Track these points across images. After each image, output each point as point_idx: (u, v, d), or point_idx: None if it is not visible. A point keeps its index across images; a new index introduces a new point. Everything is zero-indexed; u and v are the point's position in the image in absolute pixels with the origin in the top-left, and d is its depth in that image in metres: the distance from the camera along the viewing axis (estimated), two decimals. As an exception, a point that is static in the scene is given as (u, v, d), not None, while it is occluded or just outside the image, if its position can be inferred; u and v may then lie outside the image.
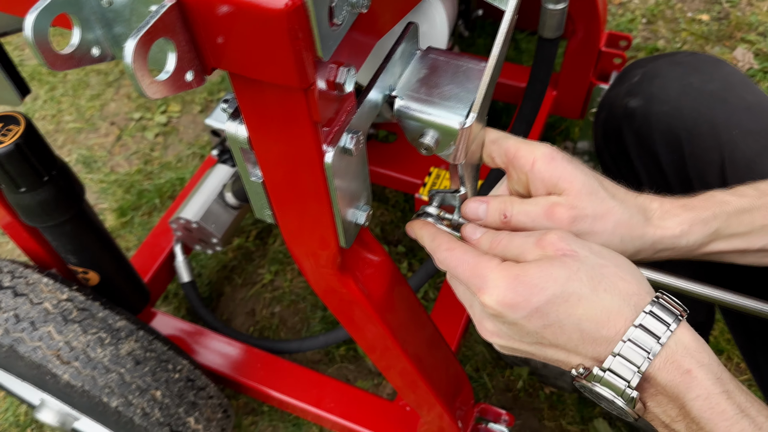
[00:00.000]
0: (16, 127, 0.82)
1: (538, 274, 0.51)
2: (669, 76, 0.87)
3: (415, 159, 1.39)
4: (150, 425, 0.97)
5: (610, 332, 0.50)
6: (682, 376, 0.49)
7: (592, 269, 0.52)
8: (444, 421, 0.95)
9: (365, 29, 0.48)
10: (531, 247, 0.54)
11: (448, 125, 0.55)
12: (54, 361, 0.92)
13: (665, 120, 0.85)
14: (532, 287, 0.51)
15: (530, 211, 0.59)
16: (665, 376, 0.49)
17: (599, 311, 0.50)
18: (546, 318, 0.51)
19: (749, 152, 0.78)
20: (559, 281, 0.51)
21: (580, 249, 0.53)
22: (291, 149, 0.50)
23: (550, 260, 0.52)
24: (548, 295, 0.51)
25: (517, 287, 0.51)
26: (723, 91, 0.84)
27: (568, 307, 0.51)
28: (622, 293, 0.51)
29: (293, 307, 1.54)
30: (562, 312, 0.51)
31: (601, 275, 0.52)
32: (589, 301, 0.51)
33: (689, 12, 1.98)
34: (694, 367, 0.48)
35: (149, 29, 0.37)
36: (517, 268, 0.53)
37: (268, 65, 0.41)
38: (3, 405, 1.43)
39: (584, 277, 0.51)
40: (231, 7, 0.38)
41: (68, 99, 2.02)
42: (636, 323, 0.50)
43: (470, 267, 0.55)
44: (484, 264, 0.54)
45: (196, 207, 1.25)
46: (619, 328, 0.50)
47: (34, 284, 0.97)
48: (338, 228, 0.57)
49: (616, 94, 0.93)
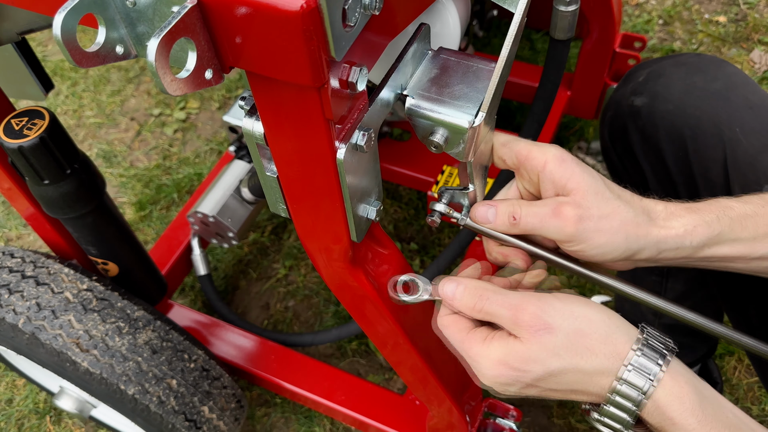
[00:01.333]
0: (40, 121, 0.84)
1: (520, 358, 0.56)
2: (673, 76, 0.89)
3: (428, 157, 1.40)
4: (165, 413, 1.00)
5: (597, 389, 0.56)
6: (666, 422, 0.54)
7: (568, 340, 0.55)
8: (453, 416, 0.97)
9: (377, 30, 0.50)
10: (509, 323, 0.57)
11: (457, 124, 0.57)
12: (74, 349, 0.95)
13: (669, 118, 0.87)
14: (517, 371, 0.56)
15: (538, 212, 0.60)
16: (653, 419, 0.55)
17: (585, 375, 0.55)
18: (541, 387, 0.57)
19: (751, 150, 0.80)
20: (540, 363, 0.55)
21: (554, 321, 0.56)
22: (305, 145, 0.51)
23: (528, 341, 0.56)
24: (534, 375, 0.56)
25: (505, 372, 0.57)
26: (726, 90, 0.85)
27: (556, 379, 0.56)
28: (602, 355, 0.55)
29: (307, 301, 1.56)
30: (551, 382, 0.56)
31: (578, 344, 0.55)
32: (573, 371, 0.55)
33: (706, 13, 1.97)
34: (675, 415, 0.54)
35: (171, 29, 0.39)
36: (501, 351, 0.57)
37: (283, 64, 0.42)
38: (23, 392, 1.47)
39: (562, 352, 0.55)
40: (249, 8, 0.40)
41: (89, 94, 2.06)
42: (619, 378, 0.54)
43: (462, 349, 0.60)
44: (470, 348, 0.59)
45: (213, 201, 1.28)
46: (605, 385, 0.55)
47: (55, 274, 1.00)
48: (350, 222, 0.59)
49: (622, 94, 0.94)
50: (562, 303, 0.57)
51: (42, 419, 1.43)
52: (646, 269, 1.07)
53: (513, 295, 0.58)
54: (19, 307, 0.95)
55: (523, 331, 0.56)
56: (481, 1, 1.32)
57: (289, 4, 0.38)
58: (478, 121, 0.56)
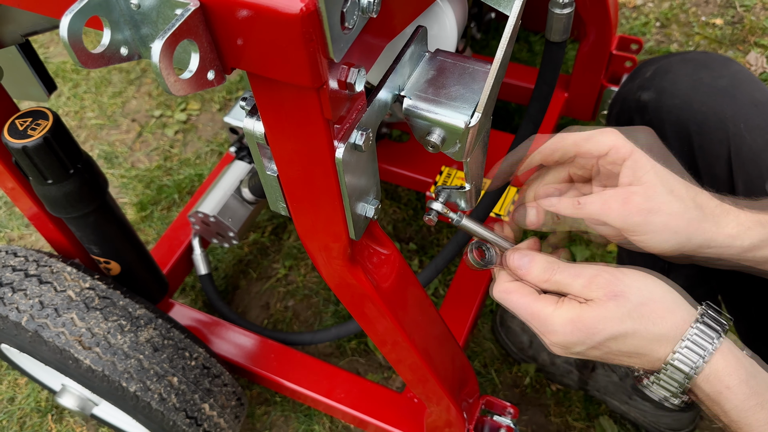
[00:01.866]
0: (44, 122, 0.86)
1: (592, 318, 0.59)
2: (680, 72, 0.90)
3: (427, 158, 1.42)
4: (166, 410, 1.01)
5: (659, 355, 0.59)
6: (722, 389, 0.58)
7: (638, 308, 0.59)
8: (451, 413, 0.98)
9: (375, 33, 0.51)
10: (581, 290, 0.60)
11: (453, 124, 0.58)
12: (76, 347, 0.96)
13: (675, 113, 0.88)
14: (588, 329, 0.59)
15: (607, 198, 0.63)
16: (707, 388, 0.59)
17: (648, 342, 0.59)
18: (605, 349, 0.61)
19: (755, 146, 0.81)
20: (611, 323, 0.59)
21: (624, 289, 0.59)
22: (304, 145, 0.53)
23: (601, 304, 0.59)
24: (604, 336, 0.59)
25: (575, 331, 0.60)
26: (731, 87, 0.87)
27: (622, 341, 0.59)
28: (667, 325, 0.59)
29: (306, 301, 1.58)
30: (618, 344, 0.60)
31: (647, 312, 0.59)
32: (639, 335, 0.59)
33: (703, 16, 1.99)
34: (732, 383, 0.57)
35: (175, 31, 0.41)
36: (573, 312, 0.60)
37: (283, 65, 0.44)
38: (25, 391, 1.48)
39: (632, 317, 0.59)
40: (250, 11, 0.41)
41: (91, 96, 2.08)
42: (680, 347, 0.58)
43: (530, 312, 0.63)
44: (542, 309, 0.62)
45: (213, 202, 1.29)
46: (666, 352, 0.59)
47: (58, 273, 1.01)
48: (348, 220, 0.61)
49: (629, 89, 0.96)
50: (632, 274, 0.61)
51: (44, 417, 1.44)
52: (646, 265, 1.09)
53: (585, 266, 0.62)
54: (23, 305, 0.96)
55: (596, 295, 0.59)
56: (479, 4, 1.34)
57: (289, 7, 0.40)
58: (474, 122, 0.57)
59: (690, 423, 1.30)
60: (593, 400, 1.39)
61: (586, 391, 1.38)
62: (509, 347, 1.43)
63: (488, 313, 1.52)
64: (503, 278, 0.66)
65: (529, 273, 0.63)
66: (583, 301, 0.60)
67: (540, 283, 0.63)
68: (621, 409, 1.34)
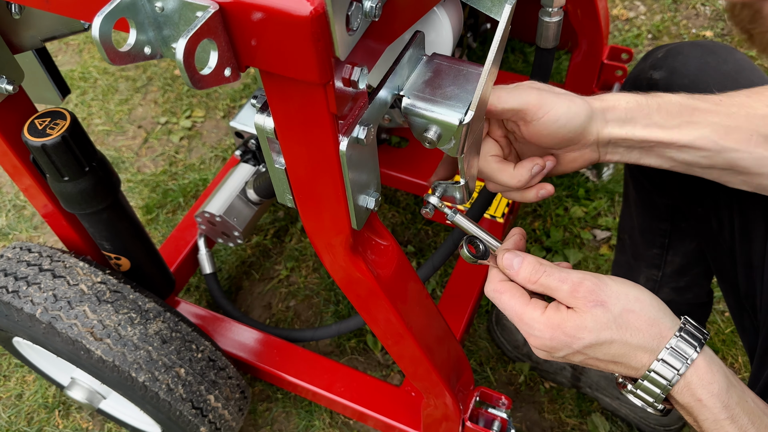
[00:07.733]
0: (62, 122, 0.90)
1: (574, 325, 0.63)
2: (690, 54, 0.96)
3: (425, 163, 1.46)
4: (173, 400, 1.05)
5: (639, 364, 0.63)
6: (695, 401, 0.61)
7: (620, 317, 0.63)
8: (448, 404, 1.02)
9: (377, 35, 0.56)
10: (566, 296, 0.64)
11: (449, 121, 0.63)
12: (88, 338, 1.00)
13: (684, 92, 0.94)
14: (570, 336, 0.63)
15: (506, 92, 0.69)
16: (681, 399, 0.63)
17: (628, 350, 0.63)
18: (586, 355, 0.64)
19: None
20: (593, 332, 0.62)
21: (608, 298, 0.63)
22: (311, 138, 0.57)
23: (583, 312, 0.63)
24: (585, 343, 0.63)
25: (558, 336, 0.63)
26: (735, 72, 0.93)
27: (602, 348, 0.63)
28: (647, 336, 0.62)
29: (307, 301, 1.62)
30: (599, 351, 0.63)
31: (628, 321, 0.63)
32: (619, 343, 0.62)
33: (693, 28, 2.05)
34: (704, 396, 0.61)
35: (197, 30, 0.45)
36: (557, 318, 0.64)
37: (293, 63, 0.49)
38: (33, 387, 1.52)
39: (613, 326, 0.62)
40: (264, 13, 0.46)
41: (98, 103, 2.13)
42: (659, 358, 0.62)
43: (517, 314, 0.66)
44: (528, 313, 0.65)
45: (219, 202, 1.34)
46: (645, 362, 0.63)
47: (71, 268, 1.05)
48: (350, 210, 0.65)
49: (641, 69, 1.02)
50: (616, 284, 0.65)
51: (51, 413, 1.48)
52: (647, 242, 1.15)
53: (572, 272, 0.65)
54: (37, 298, 1.01)
55: (579, 303, 0.63)
56: (475, 15, 1.39)
57: (300, 10, 0.44)
58: (468, 119, 0.62)
59: (679, 419, 1.34)
60: (585, 398, 1.43)
61: (579, 388, 1.42)
62: (504, 345, 1.48)
63: (484, 313, 1.57)
64: (495, 277, 0.70)
65: (518, 274, 0.67)
66: (568, 307, 0.64)
67: (527, 284, 0.67)
68: (612, 406, 1.38)
